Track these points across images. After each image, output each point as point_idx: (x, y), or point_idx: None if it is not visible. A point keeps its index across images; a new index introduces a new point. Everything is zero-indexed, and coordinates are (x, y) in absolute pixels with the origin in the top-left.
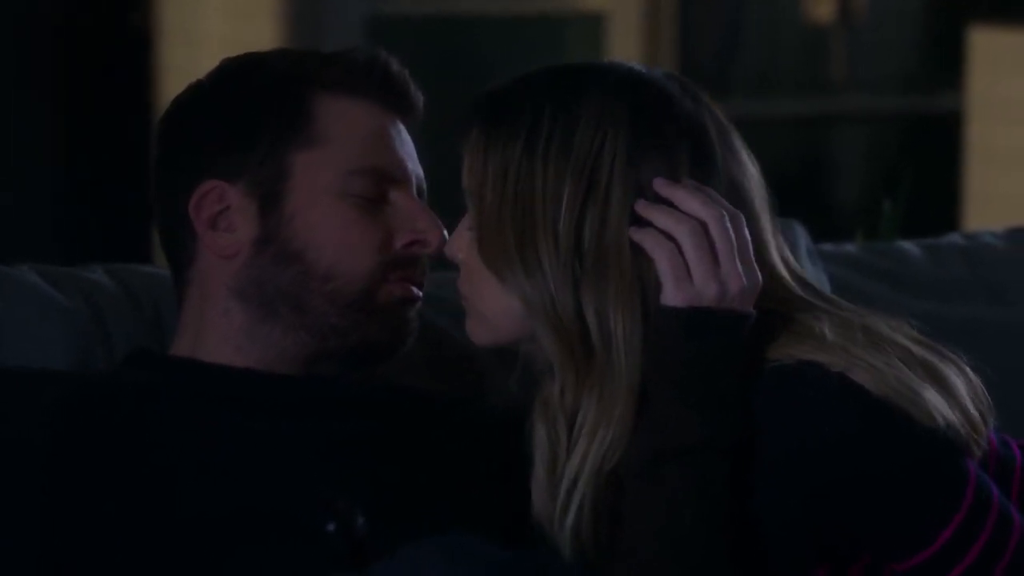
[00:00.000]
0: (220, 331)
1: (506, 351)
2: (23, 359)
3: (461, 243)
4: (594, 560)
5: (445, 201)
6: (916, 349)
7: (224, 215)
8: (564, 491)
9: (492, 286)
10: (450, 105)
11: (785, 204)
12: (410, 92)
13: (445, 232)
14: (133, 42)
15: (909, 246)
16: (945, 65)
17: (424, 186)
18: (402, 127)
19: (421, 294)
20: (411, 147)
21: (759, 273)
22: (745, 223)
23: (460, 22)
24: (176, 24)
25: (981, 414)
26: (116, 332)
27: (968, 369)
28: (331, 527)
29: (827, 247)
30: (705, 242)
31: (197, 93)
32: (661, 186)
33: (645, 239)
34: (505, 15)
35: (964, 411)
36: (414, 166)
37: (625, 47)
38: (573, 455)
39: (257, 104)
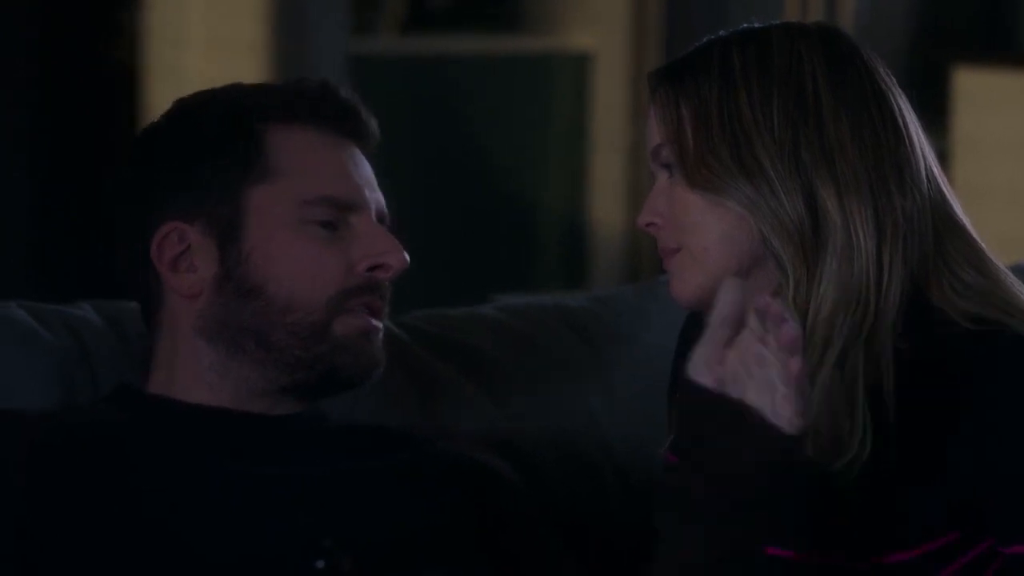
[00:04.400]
0: (192, 370)
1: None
2: (8, 395)
3: (658, 203)
4: (829, 455)
5: (422, 230)
6: None
7: (185, 256)
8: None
9: (707, 216)
10: (433, 144)
11: None
12: (362, 118)
13: (406, 255)
14: (117, 79)
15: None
16: (930, 104)
17: (385, 211)
18: (358, 153)
19: (381, 325)
20: (369, 173)
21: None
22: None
23: (445, 61)
24: (161, 61)
25: None
26: (102, 368)
27: None
28: (320, 564)
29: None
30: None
31: (152, 135)
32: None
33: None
34: (489, 54)
35: None
36: (372, 192)
37: (611, 87)
38: (812, 349)
39: (209, 142)
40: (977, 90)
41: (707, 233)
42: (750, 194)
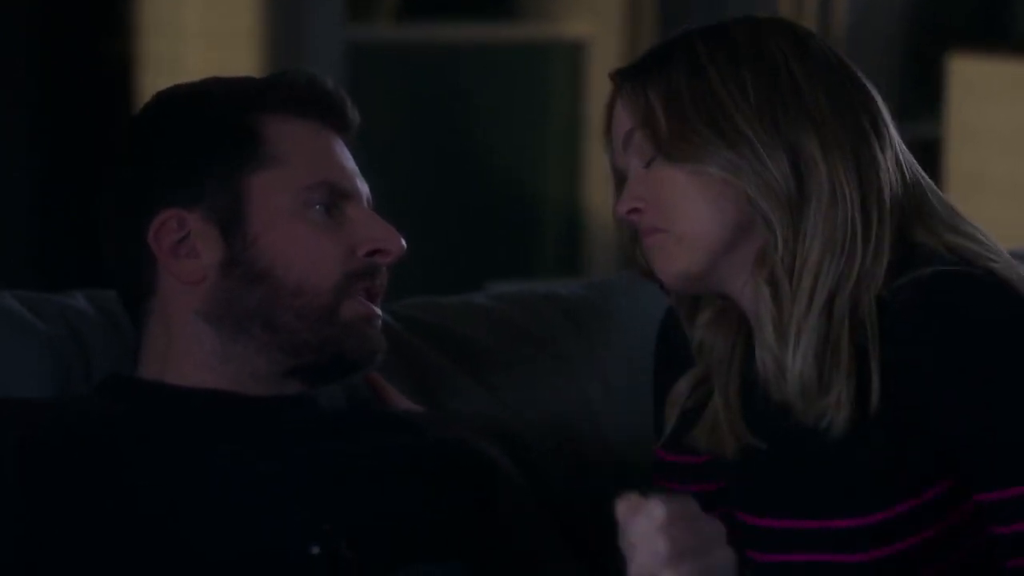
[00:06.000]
0: (191, 356)
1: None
2: (3, 385)
3: (636, 189)
4: (816, 402)
5: (418, 218)
6: None
7: (185, 242)
8: (794, 333)
9: (691, 188)
10: (428, 131)
11: None
12: (348, 110)
13: (402, 241)
14: (114, 70)
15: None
16: (924, 93)
17: (372, 201)
18: (343, 144)
19: (380, 312)
20: (354, 163)
21: None
22: None
23: (440, 49)
24: (157, 52)
25: None
26: (96, 358)
27: None
28: (315, 549)
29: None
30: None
31: (141, 126)
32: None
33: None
34: (485, 42)
35: None
36: (362, 182)
37: (606, 75)
38: (799, 296)
39: (207, 131)
40: (973, 79)
41: (693, 206)
42: (733, 159)
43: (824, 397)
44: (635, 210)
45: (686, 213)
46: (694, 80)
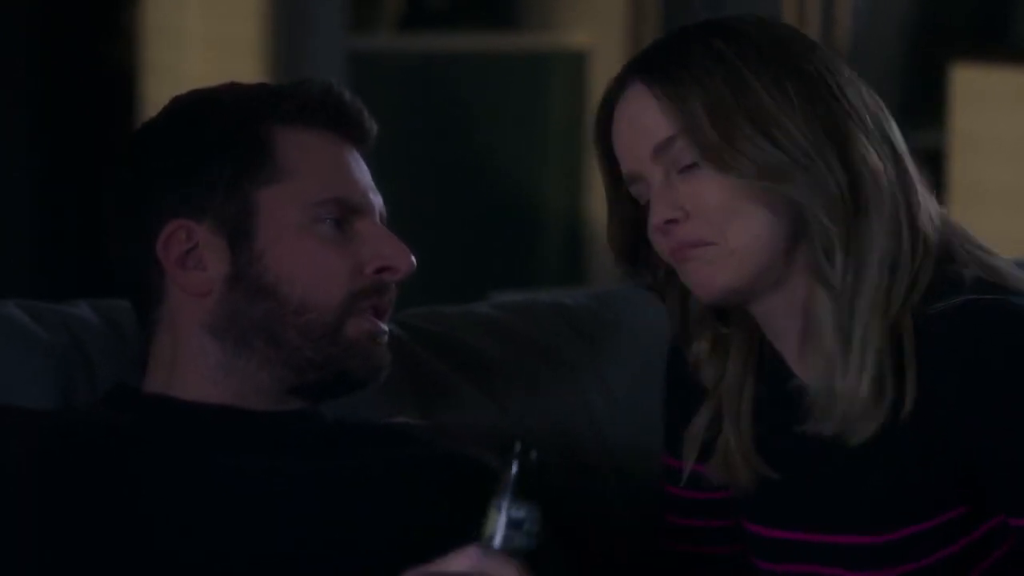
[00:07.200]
0: (196, 368)
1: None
2: (6, 394)
3: (674, 198)
4: (865, 417)
5: (421, 228)
6: None
7: (193, 253)
8: (858, 342)
9: (744, 202)
10: (430, 141)
11: None
12: (364, 121)
13: (412, 258)
14: (116, 78)
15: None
16: (927, 102)
17: (385, 214)
18: (358, 156)
19: (387, 329)
20: (369, 176)
21: None
22: None
23: (442, 59)
24: (159, 60)
25: None
26: (100, 368)
27: None
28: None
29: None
30: None
31: (152, 133)
32: None
33: None
34: (487, 52)
35: None
36: (375, 195)
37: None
38: (859, 307)
39: (217, 142)
40: (976, 88)
41: (747, 217)
42: (787, 161)
43: (874, 408)
44: (674, 220)
45: (739, 224)
46: (735, 85)
